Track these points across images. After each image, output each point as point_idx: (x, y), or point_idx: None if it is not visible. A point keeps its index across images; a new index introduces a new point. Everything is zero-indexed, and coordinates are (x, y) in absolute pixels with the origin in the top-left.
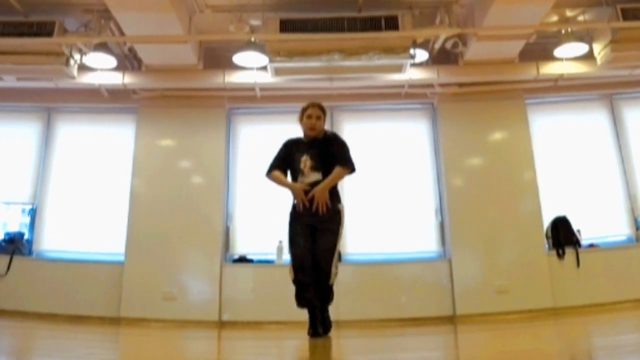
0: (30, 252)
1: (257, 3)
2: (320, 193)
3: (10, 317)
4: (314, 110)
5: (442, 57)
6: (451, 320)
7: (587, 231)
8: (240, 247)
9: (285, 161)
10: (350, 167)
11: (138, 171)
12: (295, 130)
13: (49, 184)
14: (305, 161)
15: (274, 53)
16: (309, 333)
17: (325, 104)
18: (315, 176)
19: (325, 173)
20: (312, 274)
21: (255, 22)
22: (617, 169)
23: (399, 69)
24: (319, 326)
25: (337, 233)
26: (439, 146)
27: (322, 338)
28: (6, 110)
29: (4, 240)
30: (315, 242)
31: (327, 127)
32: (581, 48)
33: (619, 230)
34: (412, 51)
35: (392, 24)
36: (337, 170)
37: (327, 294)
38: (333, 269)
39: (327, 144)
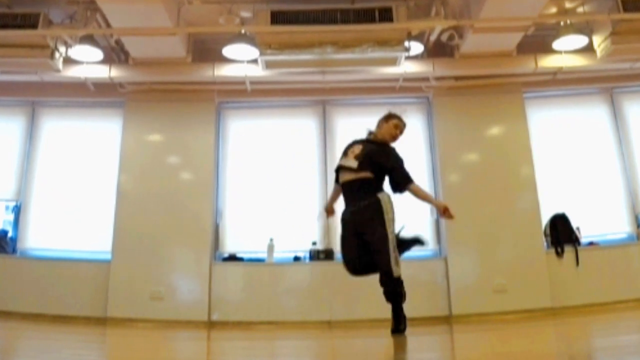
0: (14, 251)
1: None
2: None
3: None
4: (402, 125)
5: (437, 50)
6: (447, 320)
7: (586, 229)
8: (230, 245)
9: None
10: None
11: (125, 167)
12: (284, 125)
13: (33, 180)
14: (356, 149)
15: (264, 45)
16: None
17: (317, 98)
18: (353, 163)
19: (361, 166)
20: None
21: (245, 14)
22: (618, 165)
23: (393, 62)
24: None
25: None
26: (434, 141)
27: (400, 335)
28: None
29: None
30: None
31: (319, 121)
32: (581, 40)
33: (619, 227)
34: (406, 44)
35: (386, 15)
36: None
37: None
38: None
39: (382, 151)
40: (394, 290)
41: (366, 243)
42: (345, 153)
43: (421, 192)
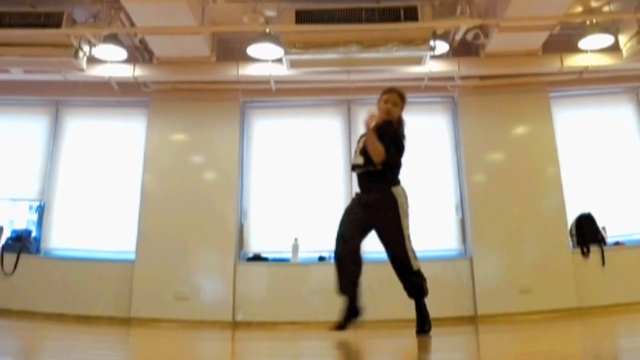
0: (37, 251)
1: None
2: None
3: (17, 317)
4: (390, 96)
5: (462, 49)
6: (472, 320)
7: (612, 229)
8: (255, 245)
9: None
10: (384, 155)
11: (149, 167)
12: (308, 124)
13: (57, 180)
14: (360, 143)
15: (289, 45)
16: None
17: (342, 97)
18: (360, 159)
19: (368, 161)
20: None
21: (270, 13)
22: None
23: (418, 61)
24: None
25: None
26: (459, 141)
27: (425, 336)
28: (13, 104)
29: (10, 238)
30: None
31: (344, 120)
32: (606, 39)
33: None
34: (432, 43)
35: (411, 14)
36: (380, 146)
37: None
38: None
39: (379, 136)
40: (415, 284)
41: (380, 237)
42: (356, 150)
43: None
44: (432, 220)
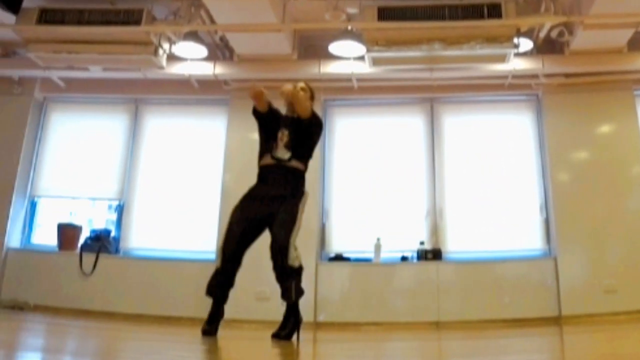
0: (117, 251)
1: None
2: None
3: (96, 318)
4: (299, 85)
5: (547, 47)
6: (556, 321)
7: None
8: (337, 245)
9: (273, 113)
10: (312, 112)
11: (229, 165)
12: (390, 123)
13: (136, 179)
14: (283, 136)
15: (371, 42)
16: None
17: (424, 95)
18: (285, 154)
19: (295, 155)
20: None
21: (351, 10)
22: None
23: (502, 58)
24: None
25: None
26: (544, 139)
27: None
28: (92, 102)
29: (89, 237)
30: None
31: (426, 119)
32: None
33: None
34: (515, 40)
35: (495, 11)
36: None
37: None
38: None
39: (308, 127)
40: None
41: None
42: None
43: None
44: (516, 220)
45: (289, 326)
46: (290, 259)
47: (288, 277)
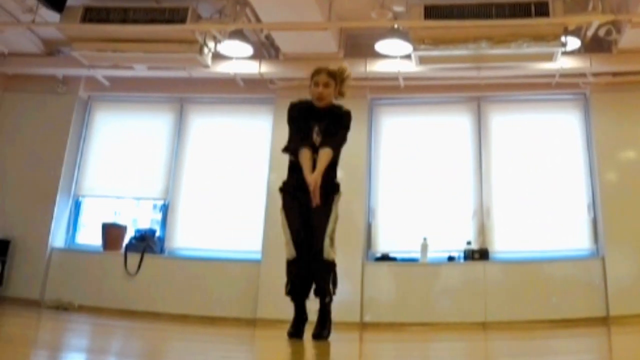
0: (161, 251)
1: None
2: (315, 185)
3: (141, 318)
4: (321, 77)
5: (594, 45)
6: (604, 321)
7: None
8: (383, 245)
9: (307, 134)
10: (331, 146)
11: (275, 165)
12: (437, 122)
13: (181, 179)
14: (317, 136)
15: (418, 41)
16: None
17: (471, 94)
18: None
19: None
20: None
21: (398, 9)
22: None
23: (549, 57)
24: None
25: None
26: (591, 138)
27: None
28: (136, 101)
29: (134, 237)
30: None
31: (473, 118)
32: None
33: None
34: (563, 39)
35: (542, 10)
36: (322, 153)
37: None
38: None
39: (335, 119)
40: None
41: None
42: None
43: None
44: (563, 220)
45: (328, 325)
46: (326, 251)
47: (324, 271)
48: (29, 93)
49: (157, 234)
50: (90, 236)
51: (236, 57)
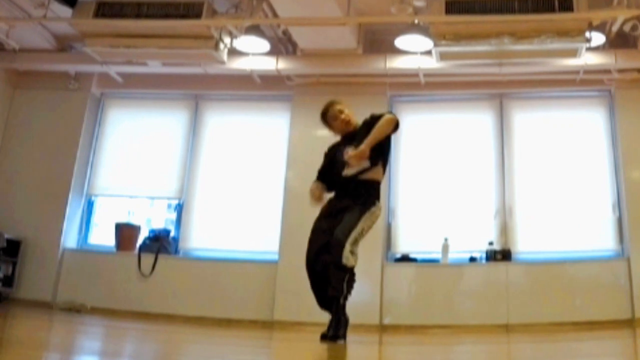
0: (176, 251)
1: None
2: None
3: (155, 320)
4: (333, 109)
5: (619, 41)
6: (629, 324)
7: None
8: (403, 245)
9: (326, 171)
10: (393, 115)
11: (293, 163)
12: (458, 119)
13: (196, 177)
14: (349, 153)
15: (439, 36)
16: None
17: (494, 91)
18: (363, 164)
19: (372, 159)
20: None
21: (418, 3)
22: None
23: (573, 53)
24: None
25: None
26: (616, 136)
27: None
28: (150, 98)
29: (148, 238)
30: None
31: (496, 115)
32: None
33: None
34: (587, 34)
35: (566, 5)
36: (381, 121)
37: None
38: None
39: (368, 127)
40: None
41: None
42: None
43: None
44: (587, 220)
45: (342, 326)
46: (344, 257)
47: (339, 273)
48: (40, 90)
49: (172, 234)
50: (103, 236)
51: (252, 53)
